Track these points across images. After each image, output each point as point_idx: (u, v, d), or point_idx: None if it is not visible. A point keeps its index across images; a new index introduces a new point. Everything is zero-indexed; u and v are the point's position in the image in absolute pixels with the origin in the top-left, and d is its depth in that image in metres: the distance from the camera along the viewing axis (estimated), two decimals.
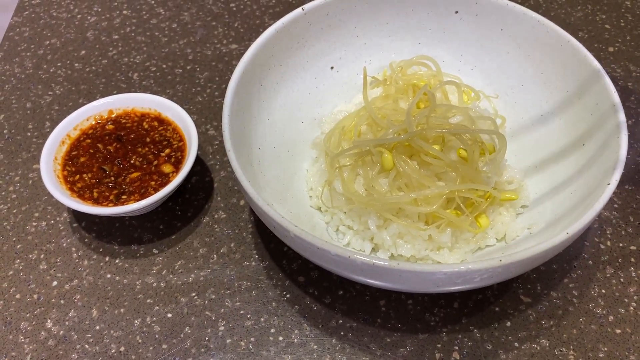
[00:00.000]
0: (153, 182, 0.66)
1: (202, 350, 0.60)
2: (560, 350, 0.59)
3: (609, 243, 0.67)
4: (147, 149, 0.69)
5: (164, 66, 0.87)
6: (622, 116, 0.57)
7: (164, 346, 0.60)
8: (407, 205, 0.58)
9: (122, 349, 0.60)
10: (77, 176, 0.67)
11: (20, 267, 0.66)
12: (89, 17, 0.95)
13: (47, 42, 0.91)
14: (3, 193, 0.73)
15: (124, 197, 0.65)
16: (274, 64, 0.69)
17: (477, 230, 0.60)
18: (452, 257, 0.60)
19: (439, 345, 0.60)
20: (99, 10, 0.96)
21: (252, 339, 0.60)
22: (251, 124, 0.65)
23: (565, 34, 0.66)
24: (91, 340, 0.61)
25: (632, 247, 0.66)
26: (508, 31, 0.71)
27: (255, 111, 0.66)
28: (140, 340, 0.61)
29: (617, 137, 0.56)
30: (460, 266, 0.48)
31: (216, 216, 0.70)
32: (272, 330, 0.61)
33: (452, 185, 0.58)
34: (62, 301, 0.64)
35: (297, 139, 0.71)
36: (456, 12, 0.73)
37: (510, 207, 0.64)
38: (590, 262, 0.65)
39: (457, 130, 0.59)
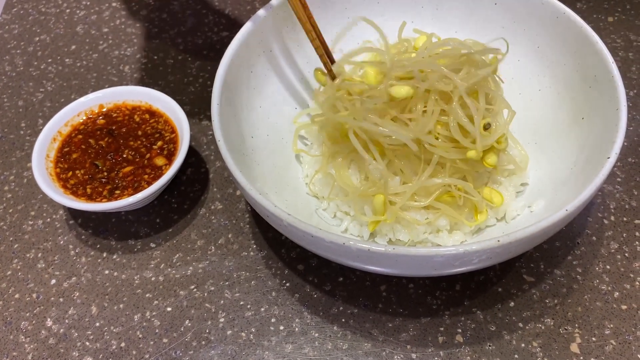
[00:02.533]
0: (146, 176, 0.66)
1: (203, 342, 0.59)
2: (566, 329, 0.58)
3: (612, 218, 0.66)
4: (139, 142, 0.69)
5: (155, 57, 0.86)
6: (620, 88, 0.56)
7: (165, 340, 0.60)
8: (402, 198, 0.57)
9: (122, 344, 0.60)
10: (70, 173, 0.66)
11: (19, 267, 0.66)
12: (77, 11, 0.94)
13: (37, 39, 0.90)
14: None
15: (117, 192, 0.65)
16: (264, 50, 0.67)
17: (473, 223, 0.59)
18: (451, 239, 0.59)
19: (442, 329, 0.59)
20: (88, 3, 0.95)
21: (253, 330, 0.60)
22: (242, 113, 0.64)
23: (561, 5, 0.64)
24: (91, 337, 0.60)
25: (637, 221, 0.65)
26: (502, 5, 0.69)
27: (246, 99, 0.65)
28: (140, 335, 0.60)
29: (616, 110, 0.55)
30: (458, 248, 0.47)
31: (213, 207, 0.70)
32: (273, 320, 0.60)
33: (447, 180, 0.57)
34: (61, 299, 0.63)
35: (291, 125, 0.70)
36: None
37: (509, 185, 0.63)
38: (594, 238, 0.64)
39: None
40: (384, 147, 0.58)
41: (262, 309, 0.61)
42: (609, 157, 0.51)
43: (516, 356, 0.57)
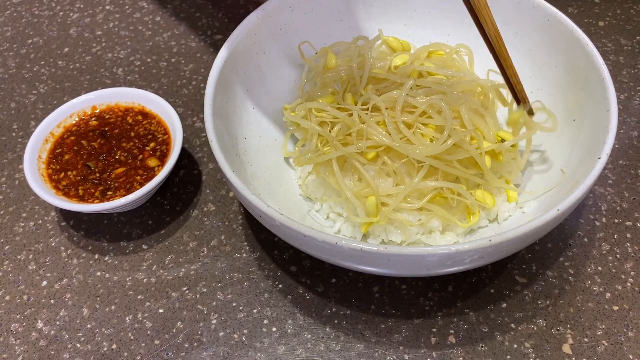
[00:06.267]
0: (138, 177, 0.65)
1: (195, 344, 0.59)
2: (558, 330, 0.58)
3: (604, 219, 0.66)
4: (131, 143, 0.68)
5: (149, 60, 0.86)
6: (611, 89, 0.56)
7: (156, 342, 0.59)
8: (395, 200, 0.57)
9: (114, 346, 0.59)
10: (62, 174, 0.66)
11: (9, 269, 0.66)
12: (71, 14, 0.94)
13: (30, 41, 0.90)
14: None
15: (109, 193, 0.64)
16: (257, 52, 0.68)
17: (465, 224, 0.59)
18: (444, 240, 0.60)
19: (435, 330, 0.59)
20: (81, 6, 0.95)
21: (245, 331, 0.60)
22: (236, 114, 0.64)
23: (552, 8, 0.64)
24: (83, 339, 0.60)
25: (628, 223, 0.65)
26: (494, 8, 0.68)
27: (239, 100, 0.65)
28: (132, 337, 0.60)
29: (607, 111, 0.55)
30: (450, 247, 0.47)
31: (205, 209, 0.70)
32: (265, 322, 0.60)
33: (440, 182, 0.58)
34: (52, 301, 0.63)
35: (284, 127, 0.70)
36: None
37: (502, 186, 0.63)
38: (586, 239, 0.65)
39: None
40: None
41: (255, 311, 0.61)
42: (599, 158, 0.52)
43: (508, 357, 0.57)
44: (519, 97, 0.59)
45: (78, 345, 0.60)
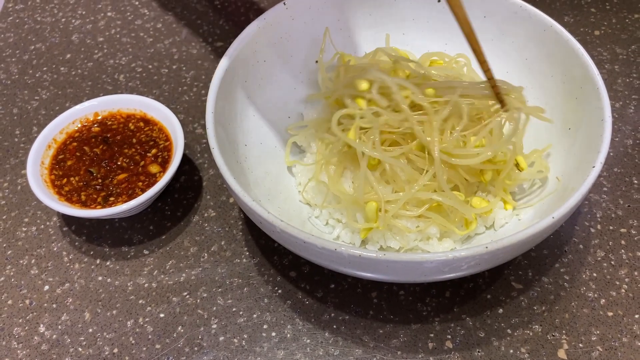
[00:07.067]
0: (140, 183, 0.66)
1: (196, 348, 0.60)
2: (553, 335, 0.59)
3: (599, 226, 0.67)
4: (133, 150, 0.69)
5: (150, 66, 0.87)
6: (605, 99, 0.57)
7: (157, 346, 0.60)
8: (395, 206, 0.58)
9: (115, 350, 0.60)
10: (65, 180, 0.67)
11: (12, 273, 0.66)
12: (73, 21, 0.95)
13: (32, 47, 0.91)
14: None
15: (111, 199, 0.65)
16: (258, 60, 0.68)
17: (463, 231, 0.60)
18: (441, 246, 0.60)
19: (432, 335, 0.60)
20: (83, 13, 0.96)
21: (245, 336, 0.60)
22: (236, 121, 0.65)
23: (548, 18, 0.65)
24: (84, 343, 0.61)
25: (622, 230, 0.66)
26: (491, 18, 0.70)
27: (240, 108, 0.66)
28: (133, 341, 0.61)
29: (602, 121, 0.56)
30: (447, 254, 0.48)
31: (206, 215, 0.70)
32: (265, 326, 0.61)
33: (439, 197, 0.58)
34: (54, 305, 0.64)
35: (284, 134, 0.71)
36: (439, 0, 0.72)
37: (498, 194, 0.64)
38: (581, 246, 0.65)
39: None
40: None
41: (255, 316, 0.62)
42: (594, 167, 0.53)
43: None
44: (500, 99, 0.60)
45: (80, 349, 0.60)
